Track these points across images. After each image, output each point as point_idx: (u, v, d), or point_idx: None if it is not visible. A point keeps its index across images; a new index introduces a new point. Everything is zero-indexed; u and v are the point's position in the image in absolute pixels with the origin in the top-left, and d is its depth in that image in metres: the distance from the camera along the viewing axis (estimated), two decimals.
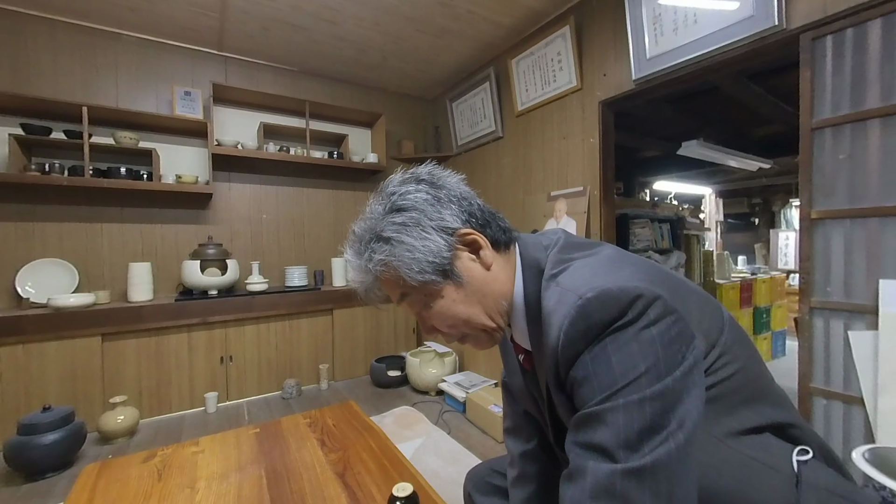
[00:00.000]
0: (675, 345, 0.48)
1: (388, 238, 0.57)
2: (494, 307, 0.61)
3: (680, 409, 0.46)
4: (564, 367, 0.52)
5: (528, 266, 0.62)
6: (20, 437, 1.75)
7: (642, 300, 0.48)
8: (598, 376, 0.48)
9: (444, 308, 0.60)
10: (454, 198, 0.61)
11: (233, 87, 2.80)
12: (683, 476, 0.45)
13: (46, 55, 2.40)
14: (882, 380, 1.29)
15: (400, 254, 0.56)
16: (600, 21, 2.18)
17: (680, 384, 0.46)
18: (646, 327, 0.48)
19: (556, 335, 0.51)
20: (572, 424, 0.50)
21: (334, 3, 2.33)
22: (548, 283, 0.57)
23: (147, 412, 2.38)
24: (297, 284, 2.97)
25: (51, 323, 2.11)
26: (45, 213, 2.40)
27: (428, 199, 0.59)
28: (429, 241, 0.57)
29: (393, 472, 1.01)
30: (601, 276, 0.52)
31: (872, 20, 1.32)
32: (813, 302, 1.45)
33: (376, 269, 0.58)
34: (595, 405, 0.47)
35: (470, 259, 0.60)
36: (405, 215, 0.58)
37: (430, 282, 0.57)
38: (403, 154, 3.63)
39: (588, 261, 0.57)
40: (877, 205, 1.32)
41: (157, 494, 0.95)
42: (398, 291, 0.61)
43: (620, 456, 0.44)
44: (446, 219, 0.59)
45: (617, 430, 0.45)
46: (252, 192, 3.05)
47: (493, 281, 0.61)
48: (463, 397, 2.37)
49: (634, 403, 0.45)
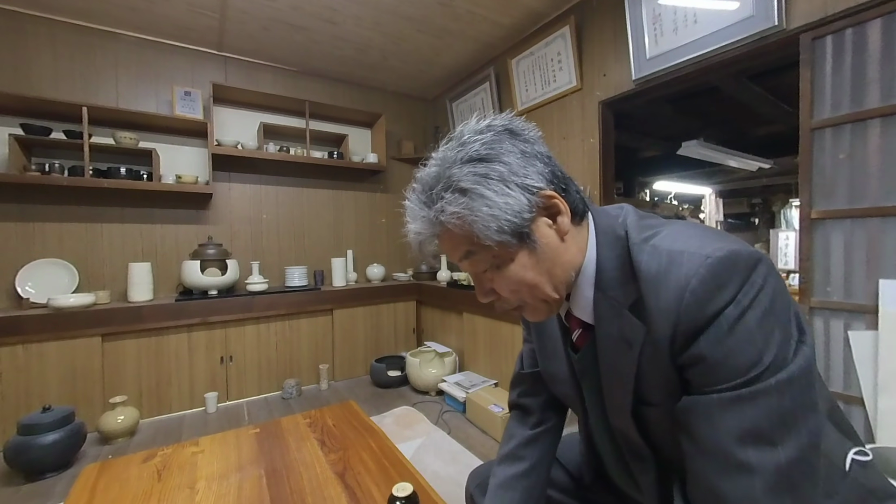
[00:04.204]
0: (796, 307, 0.47)
1: (466, 189, 0.51)
2: (562, 278, 0.57)
3: (815, 382, 0.45)
4: (689, 331, 0.47)
5: (603, 233, 0.57)
6: (20, 438, 1.74)
7: (763, 264, 0.46)
8: (741, 351, 0.44)
9: (512, 273, 0.55)
10: (539, 154, 0.55)
11: (233, 87, 2.80)
12: (819, 449, 0.45)
13: (46, 55, 2.40)
14: (882, 380, 1.29)
15: (478, 208, 0.51)
16: (600, 21, 2.18)
17: (812, 357, 0.46)
18: (775, 294, 0.45)
19: (676, 296, 0.47)
20: (710, 404, 0.46)
21: (334, 3, 2.33)
22: (639, 247, 0.53)
23: (147, 412, 2.38)
24: (297, 284, 2.97)
25: (51, 323, 2.11)
26: (45, 213, 2.40)
27: (514, 152, 0.53)
28: (510, 198, 0.51)
29: (393, 472, 1.01)
30: (716, 240, 0.48)
31: (872, 20, 1.32)
32: (813, 302, 1.45)
33: (448, 222, 0.53)
34: (742, 385, 0.44)
35: (547, 224, 0.55)
36: (487, 166, 0.52)
37: (505, 243, 0.52)
38: (403, 154, 3.63)
39: (682, 227, 0.53)
40: (877, 205, 1.33)
41: (157, 494, 0.95)
42: (464, 248, 0.55)
43: (781, 442, 0.43)
44: (531, 176, 0.53)
45: (772, 412, 0.43)
46: (252, 192, 3.05)
47: (566, 251, 0.56)
48: (463, 397, 2.37)
49: (784, 383, 0.43)
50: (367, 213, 3.56)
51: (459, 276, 3.01)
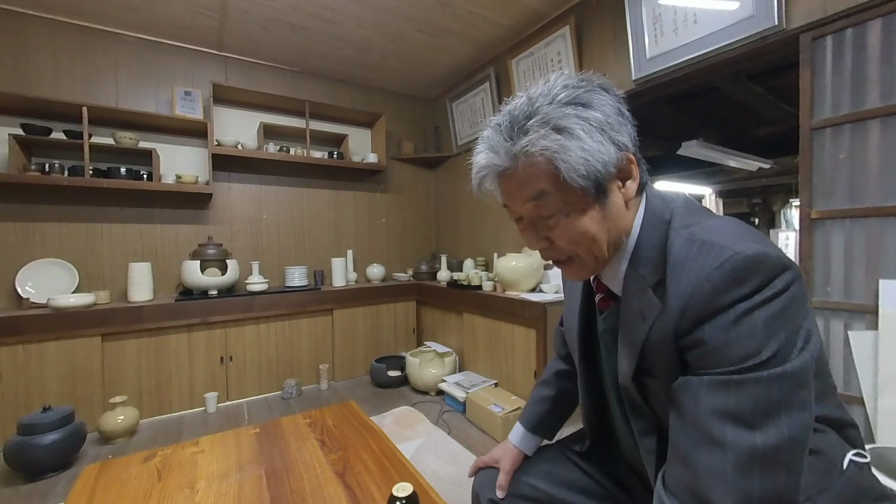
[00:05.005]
0: (809, 322, 0.49)
1: (563, 128, 0.52)
2: (615, 240, 0.59)
3: (810, 385, 0.47)
4: (696, 316, 0.50)
5: (651, 212, 0.60)
6: (20, 437, 1.74)
7: (790, 273, 0.48)
8: (741, 342, 0.47)
9: (580, 223, 0.56)
10: (629, 118, 0.58)
11: (233, 87, 2.79)
12: (806, 448, 0.46)
13: (46, 55, 2.39)
14: (882, 380, 1.29)
15: (572, 148, 0.51)
16: (600, 21, 2.18)
17: (811, 362, 0.47)
18: (791, 301, 0.47)
19: (695, 282, 0.50)
20: (700, 384, 0.49)
21: (334, 3, 2.33)
22: (678, 232, 0.55)
23: (147, 412, 2.38)
24: (297, 284, 2.97)
25: (51, 323, 2.11)
26: (45, 213, 2.40)
27: (614, 108, 0.55)
28: (604, 147, 0.53)
29: (393, 472, 1.01)
30: (750, 240, 0.50)
31: (872, 20, 1.32)
32: (813, 302, 1.45)
33: (534, 156, 0.53)
34: (734, 372, 0.47)
35: (617, 186, 0.57)
36: (589, 112, 0.53)
37: (586, 189, 0.53)
38: (403, 154, 3.63)
39: (724, 222, 0.55)
40: (877, 205, 1.33)
41: (157, 494, 0.95)
42: (538, 188, 0.55)
43: (760, 427, 0.45)
44: (623, 134, 0.55)
45: (757, 400, 0.45)
46: (252, 192, 3.05)
47: (626, 216, 0.59)
48: (463, 397, 2.37)
49: (776, 377, 0.45)
50: (367, 213, 3.56)
51: (459, 276, 3.01)
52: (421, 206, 3.87)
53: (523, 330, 2.26)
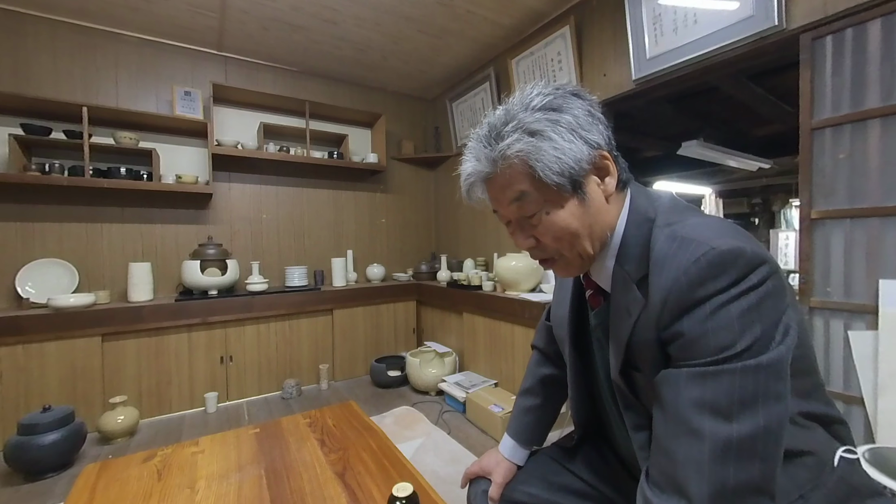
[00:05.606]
0: (788, 316, 0.50)
1: (536, 131, 0.56)
2: (599, 236, 0.61)
3: (786, 378, 0.48)
4: (675, 309, 0.52)
5: (636, 210, 0.62)
6: (20, 437, 1.74)
7: (766, 267, 0.49)
8: (717, 334, 0.48)
9: (560, 219, 0.59)
10: (601, 119, 0.60)
11: (233, 87, 2.79)
12: (782, 439, 0.48)
13: (46, 55, 2.40)
14: (882, 380, 1.29)
15: (545, 149, 0.55)
16: (600, 21, 2.18)
17: (787, 355, 0.49)
18: (767, 295, 0.49)
19: (673, 276, 0.52)
20: (679, 376, 0.51)
21: (334, 3, 2.33)
22: (661, 230, 0.57)
23: (147, 412, 2.38)
24: (297, 284, 2.97)
25: (51, 323, 2.11)
26: (45, 213, 2.40)
27: (583, 109, 0.58)
28: (575, 146, 0.56)
29: (393, 472, 1.01)
30: (729, 236, 0.52)
31: (872, 20, 1.32)
32: (813, 302, 1.45)
33: (511, 159, 0.57)
34: (711, 364, 0.48)
35: (596, 183, 0.60)
36: (559, 115, 0.57)
37: (562, 186, 0.57)
38: (403, 154, 3.63)
39: (706, 220, 0.57)
40: (877, 205, 1.33)
41: (157, 494, 0.95)
42: (518, 189, 0.58)
43: (736, 418, 0.46)
44: (594, 133, 0.58)
45: (733, 391, 0.47)
46: (252, 192, 3.05)
47: (607, 212, 0.61)
48: (463, 397, 2.37)
49: (751, 368, 0.47)
50: (367, 213, 3.56)
51: (459, 276, 3.01)
52: (421, 206, 3.87)
53: (523, 330, 2.27)
